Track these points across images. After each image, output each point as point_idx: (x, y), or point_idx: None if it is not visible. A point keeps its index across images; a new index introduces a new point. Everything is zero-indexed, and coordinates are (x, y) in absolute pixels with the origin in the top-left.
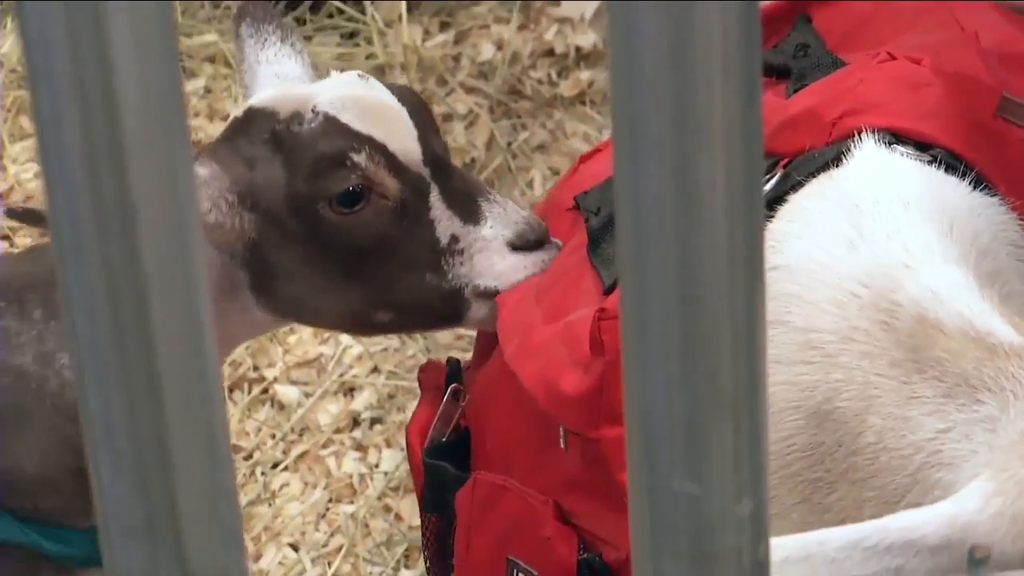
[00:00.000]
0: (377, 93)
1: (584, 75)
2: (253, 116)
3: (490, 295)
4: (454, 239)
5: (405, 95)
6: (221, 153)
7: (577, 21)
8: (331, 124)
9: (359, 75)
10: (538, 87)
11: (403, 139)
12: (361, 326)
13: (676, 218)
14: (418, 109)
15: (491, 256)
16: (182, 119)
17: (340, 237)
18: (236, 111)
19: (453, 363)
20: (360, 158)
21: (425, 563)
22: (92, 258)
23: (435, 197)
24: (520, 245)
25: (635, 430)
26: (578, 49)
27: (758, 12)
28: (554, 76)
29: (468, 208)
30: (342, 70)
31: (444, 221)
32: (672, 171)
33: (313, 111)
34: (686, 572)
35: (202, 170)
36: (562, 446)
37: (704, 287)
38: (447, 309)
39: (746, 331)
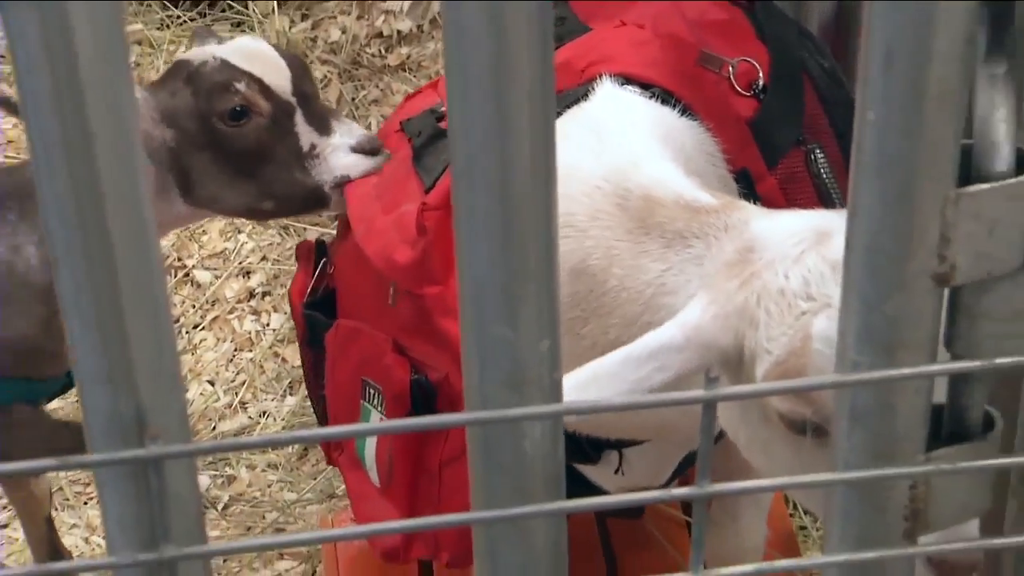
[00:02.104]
0: (260, 45)
1: (404, 50)
2: (179, 65)
3: (342, 183)
4: (313, 147)
5: (290, 56)
6: (154, 87)
7: (398, 12)
8: (224, 64)
9: (252, 38)
10: (372, 59)
11: (276, 76)
12: (254, 213)
13: (493, 136)
14: (297, 65)
15: (339, 156)
16: (127, 67)
17: (231, 144)
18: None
19: (320, 242)
20: (241, 85)
21: (308, 390)
22: (62, 175)
23: (299, 117)
24: (359, 149)
25: (466, 290)
26: (399, 32)
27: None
28: (383, 51)
29: (323, 125)
30: None
31: (306, 134)
32: (491, 101)
33: (214, 58)
34: (505, 394)
35: (138, 93)
36: (390, 302)
37: (515, 186)
38: (312, 197)
39: (544, 219)
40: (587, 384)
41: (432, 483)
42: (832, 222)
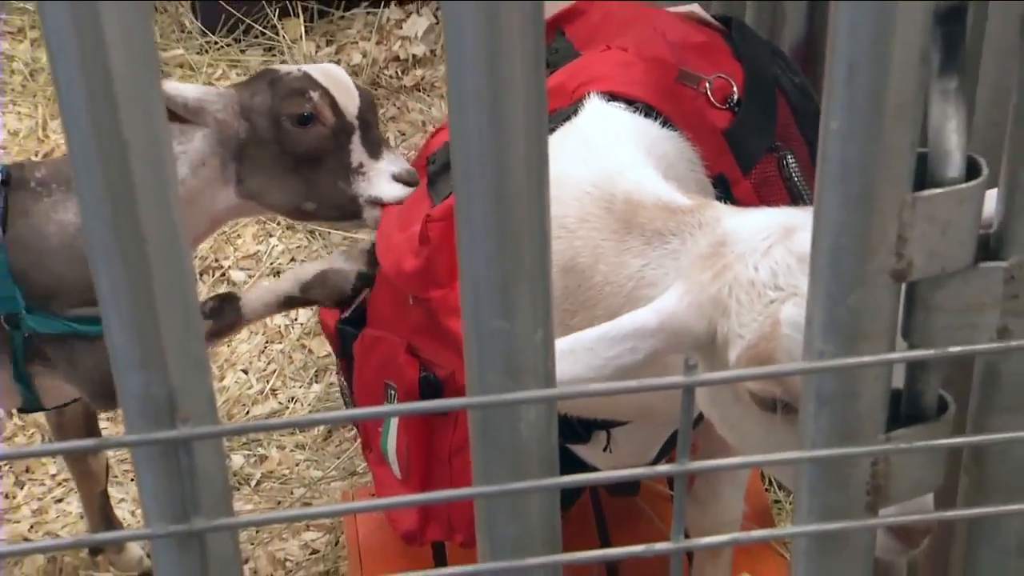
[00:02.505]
0: (341, 72)
1: (418, 72)
2: (267, 71)
3: (377, 204)
4: (361, 165)
5: (363, 91)
6: (239, 87)
7: (413, 38)
8: (306, 75)
9: (335, 66)
10: (390, 80)
11: (347, 100)
12: (295, 211)
13: (491, 146)
14: (367, 98)
15: (381, 180)
16: (157, 82)
17: (292, 144)
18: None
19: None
20: (315, 95)
21: (341, 392)
22: (98, 180)
23: (356, 137)
24: (399, 179)
25: (467, 288)
26: (414, 56)
27: (542, 18)
28: (400, 73)
29: (375, 150)
30: None
31: (358, 153)
32: (488, 114)
33: (298, 70)
34: (502, 380)
35: (224, 89)
36: (410, 306)
37: (510, 191)
38: (350, 208)
39: (537, 221)
40: (564, 355)
41: (444, 470)
42: (797, 218)
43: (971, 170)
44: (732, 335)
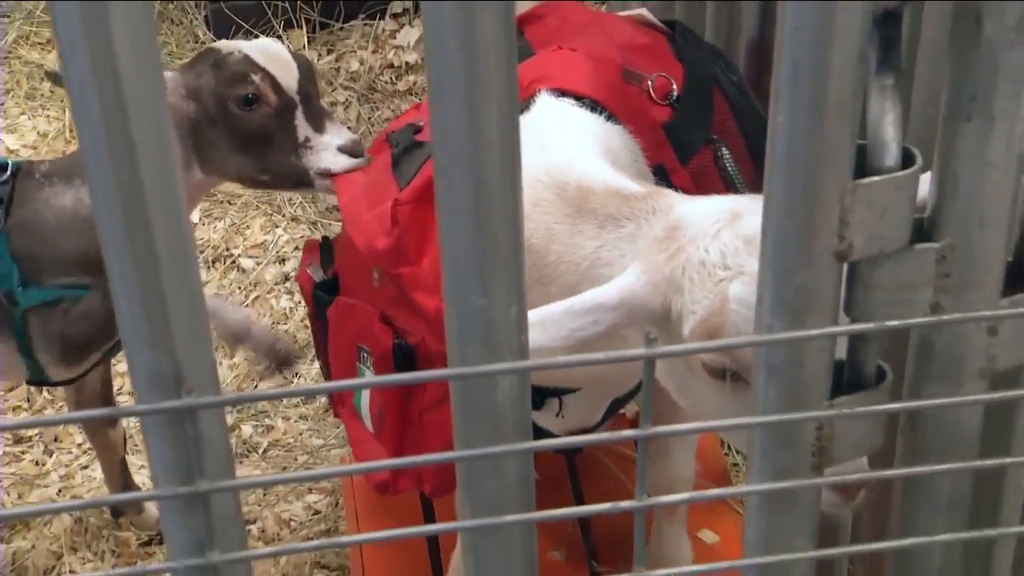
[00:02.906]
0: (278, 47)
1: (411, 78)
2: (208, 51)
3: (325, 175)
4: (307, 140)
5: (301, 59)
6: (184, 69)
7: (406, 47)
8: (246, 58)
9: (272, 40)
10: (385, 85)
11: (286, 76)
12: (254, 182)
13: (469, 139)
14: (305, 67)
15: (327, 152)
16: (162, 87)
17: (240, 125)
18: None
19: (325, 238)
20: (256, 77)
21: (316, 355)
22: (109, 176)
23: (299, 113)
24: (344, 150)
25: (448, 268)
26: (407, 63)
27: (513, 21)
28: (394, 79)
29: (319, 124)
30: None
31: (302, 128)
32: (467, 109)
33: (239, 51)
34: (480, 353)
35: (169, 73)
36: (375, 283)
37: (486, 179)
38: (301, 179)
39: (511, 208)
40: (534, 326)
41: (414, 427)
42: (744, 204)
43: (906, 160)
44: (685, 311)
